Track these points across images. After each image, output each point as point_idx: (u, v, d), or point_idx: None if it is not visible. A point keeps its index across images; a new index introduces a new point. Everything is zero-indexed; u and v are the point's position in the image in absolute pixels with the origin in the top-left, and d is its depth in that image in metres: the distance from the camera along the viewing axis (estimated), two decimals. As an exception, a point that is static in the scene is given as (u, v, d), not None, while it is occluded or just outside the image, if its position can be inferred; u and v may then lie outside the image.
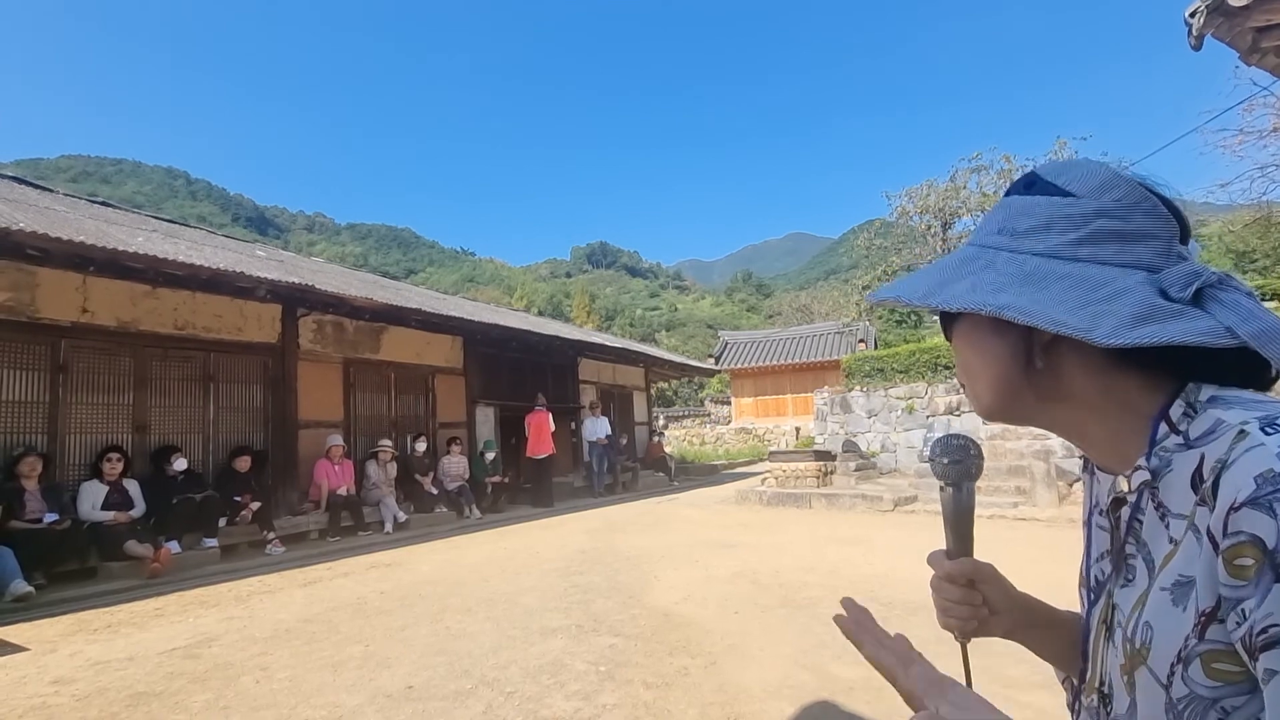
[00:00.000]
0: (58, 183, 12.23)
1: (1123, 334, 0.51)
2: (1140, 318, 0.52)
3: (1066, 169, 0.60)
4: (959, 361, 0.68)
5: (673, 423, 28.51)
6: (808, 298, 54.51)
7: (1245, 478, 0.46)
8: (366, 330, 9.76)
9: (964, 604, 0.72)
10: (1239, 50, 3.94)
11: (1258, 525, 0.44)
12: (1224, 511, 0.46)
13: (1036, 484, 8.31)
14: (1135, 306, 0.52)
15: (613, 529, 8.25)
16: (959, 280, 0.61)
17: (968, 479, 0.74)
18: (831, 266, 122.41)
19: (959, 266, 0.62)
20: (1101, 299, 0.54)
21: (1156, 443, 0.55)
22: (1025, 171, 0.65)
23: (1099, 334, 0.52)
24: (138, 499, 6.41)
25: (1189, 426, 0.53)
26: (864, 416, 13.12)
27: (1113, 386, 0.57)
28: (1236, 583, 0.45)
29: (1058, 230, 0.58)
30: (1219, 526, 0.47)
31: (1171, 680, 0.50)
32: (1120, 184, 0.57)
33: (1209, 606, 0.48)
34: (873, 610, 0.72)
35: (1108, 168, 0.59)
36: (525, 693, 3.05)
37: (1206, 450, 0.50)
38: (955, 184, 21.62)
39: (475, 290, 69.79)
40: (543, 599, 4.77)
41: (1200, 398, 0.54)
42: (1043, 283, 0.56)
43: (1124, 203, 0.56)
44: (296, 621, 4.36)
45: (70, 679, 3.37)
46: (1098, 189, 0.57)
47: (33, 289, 6.41)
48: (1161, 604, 0.53)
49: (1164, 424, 0.55)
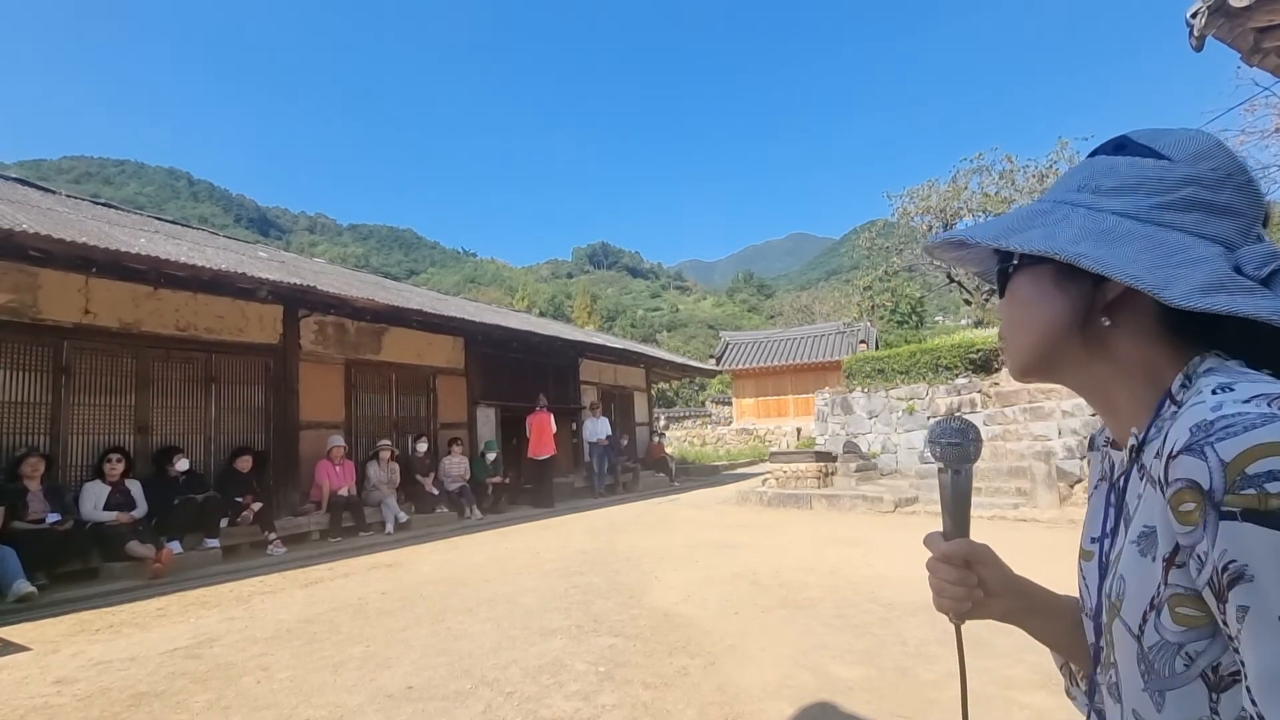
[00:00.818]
0: (60, 184, 12.27)
1: (1194, 298, 0.51)
2: (1213, 286, 0.52)
3: (1163, 134, 0.60)
4: (1007, 315, 0.68)
5: (674, 423, 28.51)
6: (809, 298, 54.48)
7: (1183, 429, 0.48)
8: (368, 331, 9.77)
9: (959, 585, 0.72)
10: (1240, 51, 3.94)
11: (1192, 469, 0.46)
12: (1164, 461, 0.49)
13: (1037, 485, 8.30)
14: (1210, 275, 0.52)
15: (613, 529, 8.25)
16: (1033, 228, 0.61)
17: (965, 461, 0.74)
18: (833, 267, 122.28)
19: (1032, 218, 0.62)
20: (1177, 263, 0.53)
21: (1159, 415, 0.56)
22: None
23: (1172, 294, 0.52)
24: (140, 500, 6.43)
25: (1184, 396, 0.54)
26: (865, 417, 13.11)
27: (1153, 357, 0.58)
28: (1186, 528, 0.47)
29: (1145, 192, 0.57)
30: (1161, 475, 0.49)
31: (1144, 629, 0.52)
32: (1217, 154, 0.57)
33: (1168, 552, 0.50)
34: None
35: (1208, 136, 0.59)
36: (525, 693, 3.06)
37: None
38: (957, 185, 21.58)
39: (477, 291, 69.83)
40: (543, 599, 4.78)
41: (1200, 369, 0.55)
42: (1120, 240, 0.56)
43: (1218, 174, 0.56)
44: (297, 622, 4.37)
45: (72, 679, 3.38)
46: (1193, 156, 0.57)
47: (35, 290, 6.43)
48: (1131, 556, 0.54)
49: (1168, 398, 0.56)
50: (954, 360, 12.31)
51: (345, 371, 9.43)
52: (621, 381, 16.51)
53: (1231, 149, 0.58)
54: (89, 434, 6.72)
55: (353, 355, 9.55)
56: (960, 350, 12.38)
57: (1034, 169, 20.69)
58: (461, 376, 11.41)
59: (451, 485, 9.82)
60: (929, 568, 0.75)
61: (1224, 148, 0.58)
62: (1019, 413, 10.17)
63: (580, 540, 7.48)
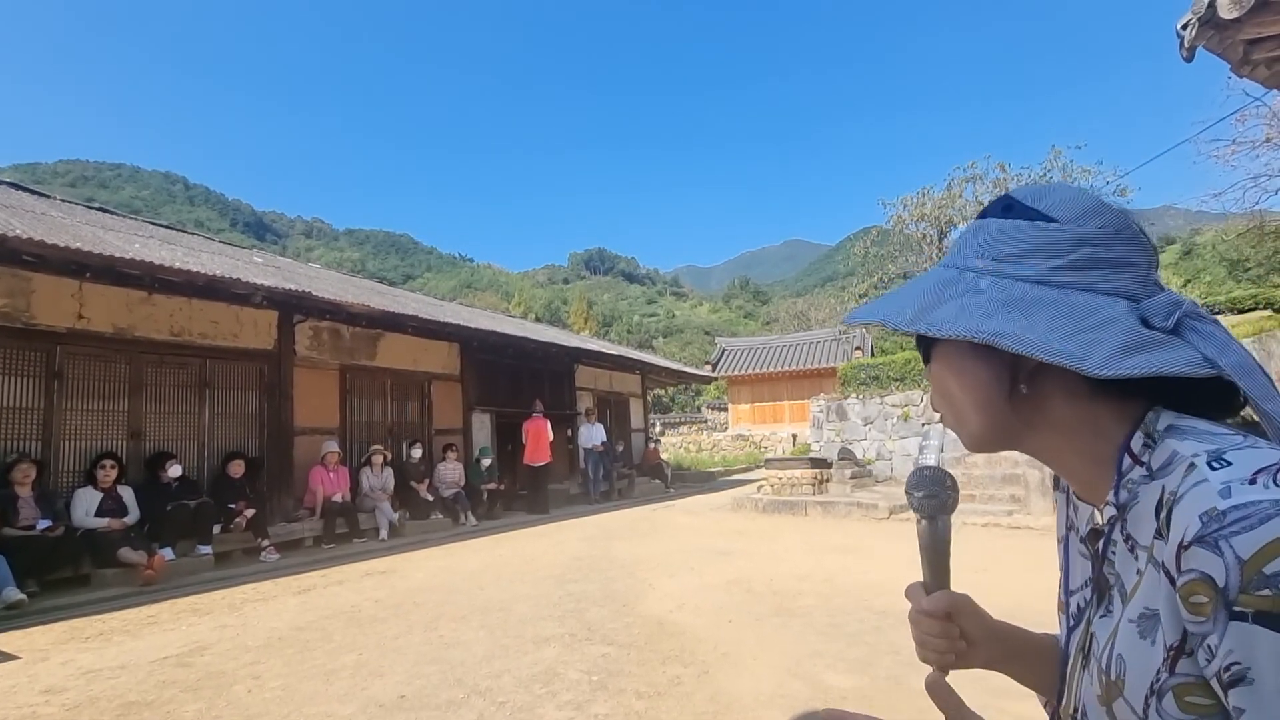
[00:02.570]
0: (55, 187, 12.24)
1: (1115, 364, 0.51)
2: (1130, 347, 0.52)
3: (1045, 194, 0.60)
4: (937, 388, 0.67)
5: (669, 429, 28.51)
6: (805, 304, 54.59)
7: (1192, 515, 0.47)
8: (363, 337, 9.76)
9: (942, 638, 0.71)
10: (1230, 62, 3.98)
11: (1207, 563, 0.45)
12: (1175, 549, 0.47)
13: (1030, 492, 8.33)
14: (1124, 335, 0.53)
15: (608, 536, 8.24)
16: (943, 304, 0.60)
17: (943, 512, 0.73)
18: (828, 273, 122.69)
19: (940, 289, 0.61)
20: (1090, 327, 0.54)
21: (1123, 475, 0.55)
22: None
23: (1091, 364, 0.52)
24: (132, 506, 6.38)
25: (1150, 457, 0.54)
26: (860, 424, 13.13)
27: (1090, 413, 0.58)
28: (1197, 619, 0.46)
29: (1042, 256, 0.57)
30: (1172, 563, 0.47)
31: (1147, 713, 0.51)
32: (1102, 211, 0.58)
33: (1175, 641, 0.48)
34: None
35: (1087, 193, 0.59)
36: (517, 702, 3.04)
37: (1165, 482, 0.51)
38: (951, 193, 21.70)
39: (473, 296, 69.81)
40: (537, 607, 4.77)
41: (1158, 427, 0.54)
42: (1030, 309, 0.56)
43: (1106, 230, 0.57)
44: (290, 629, 4.35)
45: (61, 688, 3.35)
46: (1080, 216, 0.57)
47: (28, 295, 6.40)
48: (1130, 636, 0.53)
49: (1127, 456, 0.55)
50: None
51: (340, 377, 9.41)
52: (617, 387, 16.51)
53: (1111, 203, 0.59)
54: (81, 439, 6.68)
55: (348, 361, 9.53)
56: (955, 357, 12.42)
57: (1027, 178, 20.83)
58: (457, 382, 11.39)
59: (446, 491, 9.78)
60: (911, 619, 0.74)
61: (1105, 203, 0.58)
62: (1013, 420, 10.20)
63: (575, 547, 7.46)
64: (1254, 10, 3.26)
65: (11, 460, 5.81)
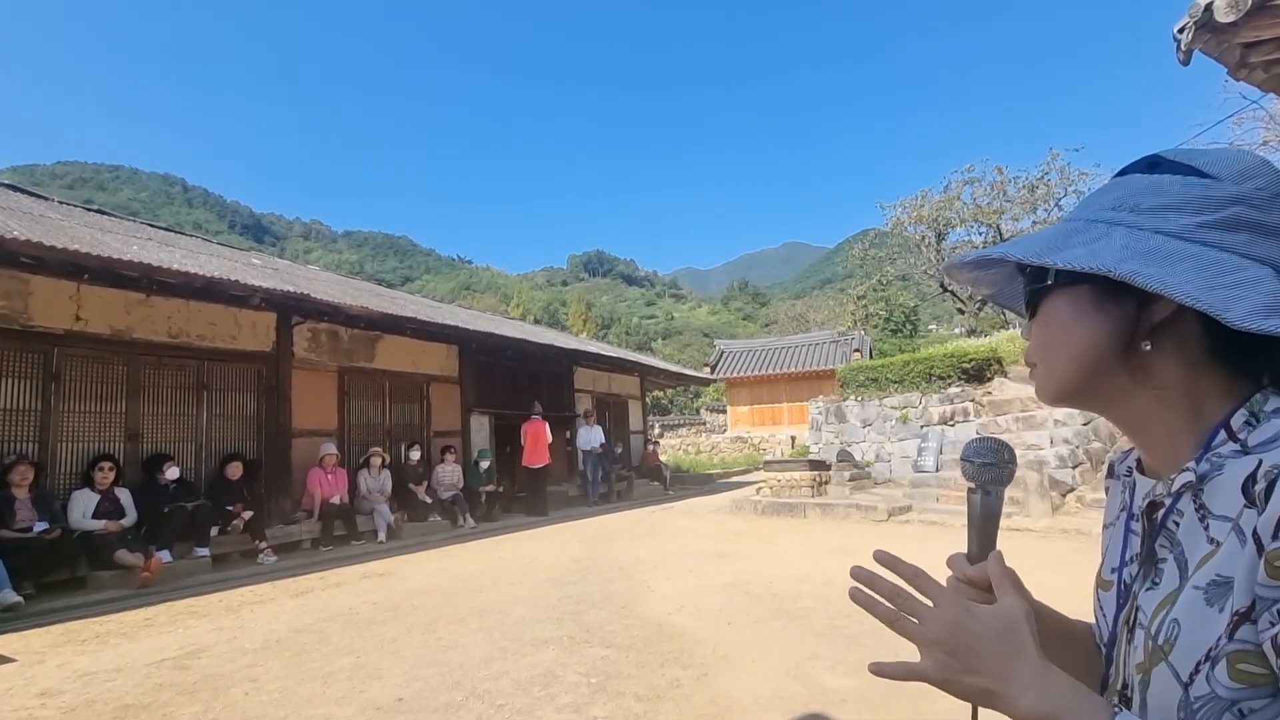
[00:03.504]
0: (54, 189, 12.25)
1: (1254, 320, 0.49)
2: (1273, 309, 0.50)
3: (1202, 153, 0.58)
4: (1040, 338, 0.64)
5: (668, 431, 28.50)
6: (803, 306, 54.66)
7: None
8: (362, 339, 9.75)
9: None
10: (1227, 65, 3.99)
11: None
12: (1275, 515, 0.46)
13: (1030, 495, 8.33)
14: (1267, 296, 0.51)
15: (607, 538, 8.23)
16: (1071, 247, 0.58)
17: (998, 484, 0.71)
18: (827, 275, 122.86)
19: (1069, 235, 0.59)
20: (1231, 284, 0.51)
21: (1211, 448, 0.54)
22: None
23: (1233, 315, 0.49)
24: (129, 508, 6.36)
25: (1249, 435, 0.52)
26: (859, 426, 13.13)
27: (1198, 384, 0.56)
28: (1276, 583, 0.45)
29: (1189, 211, 0.55)
30: (1268, 530, 0.46)
31: (1194, 679, 0.50)
32: (1265, 172, 0.55)
33: (1244, 606, 0.47)
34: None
35: (1253, 154, 0.57)
36: (516, 705, 3.04)
37: (1265, 456, 0.50)
38: (949, 195, 21.78)
39: (472, 298, 69.84)
40: (535, 609, 4.76)
41: (1266, 408, 0.53)
42: (1169, 259, 0.53)
43: (1265, 193, 0.54)
44: (287, 632, 4.34)
45: (57, 691, 3.34)
46: (1239, 174, 0.55)
47: (26, 297, 6.39)
48: (1194, 602, 0.52)
49: (1224, 430, 0.54)
50: (947, 370, 12.35)
51: (338, 379, 9.40)
52: (616, 390, 16.51)
53: (1276, 168, 0.56)
54: (78, 441, 6.67)
55: (346, 363, 9.52)
56: (953, 360, 12.43)
57: (1024, 180, 20.89)
58: (455, 384, 11.38)
59: (445, 493, 9.77)
60: (950, 588, 0.72)
61: (1270, 166, 0.56)
62: (1011, 422, 10.21)
63: (574, 549, 7.45)
64: (1251, 14, 3.27)
65: (10, 462, 5.79)
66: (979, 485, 0.72)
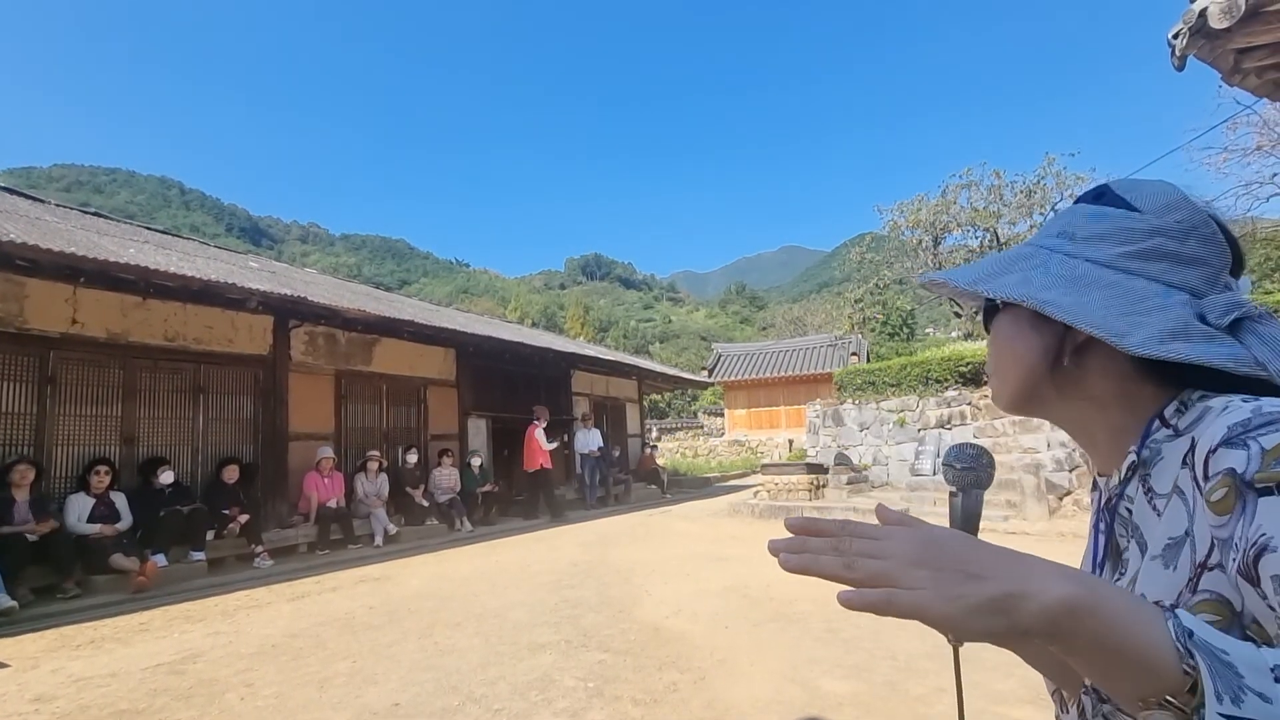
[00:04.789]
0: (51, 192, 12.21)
1: (1152, 345, 0.53)
2: (1173, 334, 0.54)
3: (1138, 186, 0.63)
4: (993, 352, 0.71)
5: (666, 434, 28.49)
6: (801, 310, 54.77)
7: (1219, 428, 0.49)
8: (359, 342, 9.73)
9: None
10: (1221, 71, 4.02)
11: (1230, 459, 0.47)
12: (1203, 460, 0.49)
13: (1026, 497, 8.34)
14: (1171, 323, 0.55)
15: (604, 542, 8.21)
16: (1010, 273, 0.64)
17: (977, 487, 0.76)
18: (824, 279, 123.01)
19: (1013, 261, 0.65)
20: (1140, 310, 0.56)
21: (1149, 435, 0.57)
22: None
23: (1131, 341, 0.54)
24: (124, 511, 6.33)
25: (1179, 420, 0.56)
26: (856, 429, 13.13)
27: (1130, 394, 0.60)
28: (1220, 519, 0.47)
29: (1113, 241, 0.60)
30: (1201, 472, 0.49)
31: None
32: (1183, 207, 0.60)
33: (1203, 556, 0.49)
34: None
35: (1178, 190, 0.61)
36: (513, 710, 3.03)
37: (1195, 432, 0.53)
38: (946, 199, 21.85)
39: (469, 301, 69.77)
40: (532, 614, 4.75)
41: (1193, 397, 0.56)
42: (1089, 287, 0.59)
43: (1183, 226, 0.59)
44: (283, 637, 4.32)
45: (51, 696, 3.32)
46: (1161, 209, 0.60)
47: (21, 300, 6.37)
48: (1153, 572, 0.54)
49: (1158, 420, 0.57)
50: (944, 373, 12.36)
51: (335, 382, 9.38)
52: (614, 393, 16.50)
53: (1199, 203, 0.61)
54: (74, 445, 6.63)
55: (343, 366, 9.50)
56: (950, 363, 12.44)
57: (1021, 184, 20.97)
58: (453, 387, 11.37)
59: (442, 497, 9.75)
60: None
61: (1190, 202, 0.60)
62: (1008, 425, 10.23)
63: (571, 553, 7.43)
64: (1244, 20, 3.30)
65: (10, 462, 5.76)
66: (960, 488, 0.76)
